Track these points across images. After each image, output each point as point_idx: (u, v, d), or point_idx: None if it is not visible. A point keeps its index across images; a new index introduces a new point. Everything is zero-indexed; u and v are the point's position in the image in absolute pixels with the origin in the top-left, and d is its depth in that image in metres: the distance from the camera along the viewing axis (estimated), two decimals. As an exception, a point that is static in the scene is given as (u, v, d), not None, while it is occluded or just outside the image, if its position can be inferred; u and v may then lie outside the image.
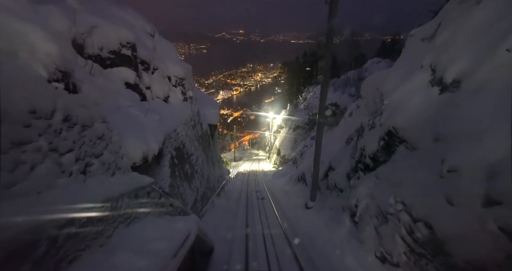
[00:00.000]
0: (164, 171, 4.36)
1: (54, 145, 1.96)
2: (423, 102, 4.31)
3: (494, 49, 3.22)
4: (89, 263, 2.04)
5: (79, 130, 2.29)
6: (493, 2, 3.72)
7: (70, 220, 1.91)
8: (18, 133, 1.66)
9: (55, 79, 2.08)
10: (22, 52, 1.83)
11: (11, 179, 1.59)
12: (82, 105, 2.35)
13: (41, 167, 1.81)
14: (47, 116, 1.92)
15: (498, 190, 2.51)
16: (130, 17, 5.85)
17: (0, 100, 1.50)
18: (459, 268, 2.71)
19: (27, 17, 2.06)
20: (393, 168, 4.49)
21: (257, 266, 4.48)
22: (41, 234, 1.64)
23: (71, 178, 2.10)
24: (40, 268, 1.63)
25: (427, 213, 3.26)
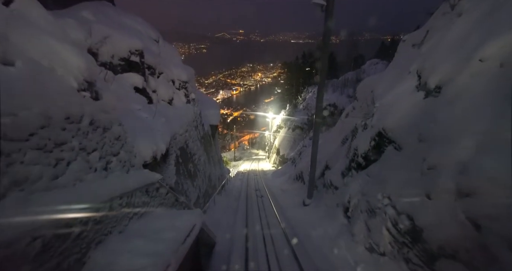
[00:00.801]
0: (170, 169, 4.71)
1: (83, 145, 2.31)
2: (410, 105, 4.66)
3: (470, 59, 3.57)
4: (111, 246, 2.39)
5: (101, 132, 2.64)
6: (471, 15, 4.07)
7: (96, 209, 2.27)
8: (58, 136, 2.01)
9: (82, 89, 2.43)
10: (58, 67, 2.18)
11: (54, 173, 1.94)
12: (103, 110, 2.69)
13: (74, 163, 2.16)
14: (77, 121, 2.27)
15: (467, 185, 2.86)
16: (137, 25, 6.21)
17: (48, 108, 1.85)
18: (433, 253, 3.06)
19: (59, 36, 2.40)
20: (382, 167, 4.85)
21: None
22: (75, 219, 1.99)
23: (96, 173, 2.45)
24: (77, 245, 1.99)
25: (409, 206, 3.61)
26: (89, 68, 2.52)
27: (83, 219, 2.07)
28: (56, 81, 2.11)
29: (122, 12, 6.05)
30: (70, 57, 2.33)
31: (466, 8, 4.27)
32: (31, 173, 1.74)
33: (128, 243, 2.51)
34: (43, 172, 1.83)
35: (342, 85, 21.09)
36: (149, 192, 3.54)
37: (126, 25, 5.58)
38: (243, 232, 5.85)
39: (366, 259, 4.17)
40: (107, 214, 2.44)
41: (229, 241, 5.61)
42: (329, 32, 6.78)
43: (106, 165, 2.66)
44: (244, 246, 5.30)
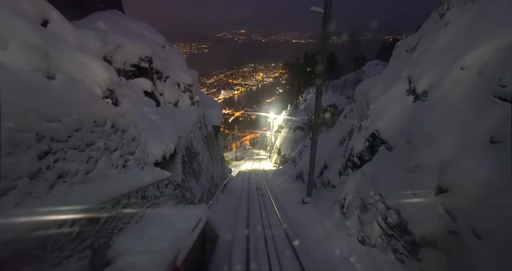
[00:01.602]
0: (177, 167, 5.06)
1: (106, 145, 2.67)
2: (400, 108, 4.99)
3: (453, 67, 3.89)
4: (131, 233, 2.75)
5: (120, 134, 2.99)
6: (456, 25, 4.39)
7: (118, 200, 2.63)
8: (88, 137, 2.36)
9: (106, 96, 2.78)
10: (87, 78, 2.53)
11: (86, 169, 2.30)
12: (122, 114, 3.05)
13: (101, 161, 2.51)
14: (102, 124, 2.62)
15: (446, 182, 3.20)
16: (145, 31, 6.58)
17: (81, 114, 2.21)
18: (417, 243, 3.40)
19: (86, 50, 2.76)
20: (375, 166, 5.18)
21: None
22: (102, 208, 2.35)
23: (117, 169, 2.81)
24: (105, 230, 2.35)
25: (397, 202, 3.95)
26: (111, 78, 2.87)
27: (108, 207, 2.43)
28: (86, 91, 2.47)
29: (131, 19, 6.43)
30: (96, 69, 2.68)
31: (452, 19, 4.60)
32: (70, 168, 2.09)
33: (144, 230, 2.87)
34: (79, 168, 2.19)
35: (342, 86, 21.39)
36: (159, 188, 3.89)
37: (135, 33, 5.96)
38: (244, 231, 6.15)
39: (359, 250, 4.51)
40: (126, 205, 2.80)
41: (231, 237, 5.94)
42: (327, 37, 7.13)
43: (125, 163, 3.02)
44: (246, 236, 5.63)
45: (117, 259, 2.35)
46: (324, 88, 24.26)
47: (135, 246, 2.58)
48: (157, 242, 2.71)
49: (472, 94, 3.48)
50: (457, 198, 3.00)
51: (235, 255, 4.92)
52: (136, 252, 2.48)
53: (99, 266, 2.26)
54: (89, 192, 2.16)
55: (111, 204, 2.50)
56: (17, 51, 1.91)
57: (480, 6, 4.04)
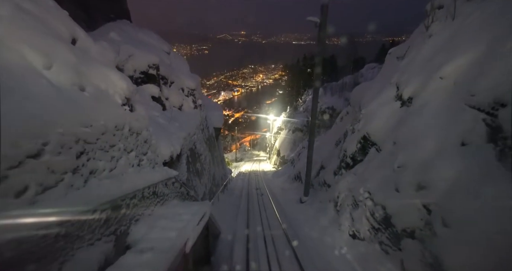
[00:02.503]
0: (182, 167, 5.45)
1: (125, 146, 3.06)
2: (389, 113, 5.40)
3: (434, 76, 4.30)
4: (145, 223, 3.14)
5: (135, 137, 3.39)
6: (438, 37, 4.80)
7: (135, 195, 3.02)
8: (111, 140, 2.76)
9: (124, 103, 3.18)
10: (109, 89, 2.93)
11: (110, 167, 2.69)
12: (137, 119, 3.45)
13: (121, 160, 2.91)
14: (121, 128, 3.02)
15: (424, 180, 3.60)
16: (152, 40, 6.99)
17: (106, 121, 2.61)
18: (399, 235, 3.79)
19: (107, 63, 3.16)
20: (366, 166, 5.58)
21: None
22: (122, 201, 2.75)
23: (133, 168, 3.20)
24: (124, 220, 2.75)
25: (383, 198, 4.35)
26: (128, 87, 3.27)
27: (127, 200, 2.83)
28: (109, 100, 2.87)
29: (138, 28, 6.85)
30: (116, 80, 3.08)
31: (435, 31, 5.01)
32: (99, 166, 2.49)
33: (156, 221, 3.27)
34: (105, 166, 2.59)
35: (340, 89, 21.80)
36: (167, 185, 4.30)
37: (143, 41, 6.37)
38: (244, 228, 6.50)
39: (349, 243, 4.90)
40: (141, 199, 3.21)
41: (232, 233, 6.32)
42: (322, 44, 7.56)
43: (139, 162, 3.41)
44: (246, 233, 6.01)
45: (136, 244, 2.75)
46: (323, 90, 24.66)
47: (149, 234, 2.98)
48: (168, 231, 3.11)
49: (448, 102, 3.89)
50: (432, 194, 3.40)
51: (236, 250, 5.29)
52: (151, 239, 2.88)
53: (121, 249, 2.66)
54: (113, 186, 2.56)
55: (130, 197, 2.91)
56: (59, 69, 2.31)
57: (459, 21, 4.45)
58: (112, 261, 2.41)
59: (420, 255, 3.35)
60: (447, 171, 3.33)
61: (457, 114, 3.60)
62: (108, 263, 2.36)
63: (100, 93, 2.79)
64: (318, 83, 7.83)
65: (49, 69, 2.25)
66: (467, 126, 3.36)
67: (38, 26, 2.46)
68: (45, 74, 2.20)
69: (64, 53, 2.50)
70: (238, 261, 4.71)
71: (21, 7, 2.43)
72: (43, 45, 2.32)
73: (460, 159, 3.26)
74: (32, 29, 2.35)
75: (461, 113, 3.52)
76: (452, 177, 3.21)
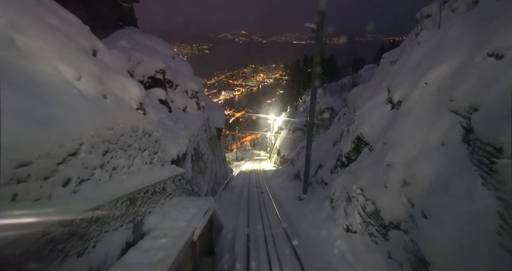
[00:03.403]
0: (187, 165, 5.82)
1: (139, 146, 3.44)
2: (380, 115, 5.76)
3: (420, 81, 4.66)
4: (158, 215, 3.52)
5: (148, 137, 3.77)
6: (425, 45, 5.16)
7: (148, 189, 3.40)
8: (128, 140, 3.14)
9: (138, 108, 3.55)
10: (126, 96, 3.31)
11: (128, 164, 3.07)
12: (149, 122, 3.82)
13: (137, 158, 3.29)
14: (136, 130, 3.40)
15: (408, 177, 3.97)
16: (158, 45, 7.36)
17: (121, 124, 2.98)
18: (386, 226, 4.16)
19: (122, 71, 3.54)
20: (359, 164, 5.94)
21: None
22: (138, 194, 3.12)
23: (146, 165, 3.58)
24: (140, 210, 3.12)
25: (374, 194, 4.72)
26: (141, 93, 3.65)
27: (142, 193, 3.21)
28: (126, 105, 3.24)
29: (145, 34, 7.23)
30: (131, 87, 3.46)
31: (423, 39, 5.36)
32: (119, 163, 2.87)
33: (167, 213, 3.65)
34: (124, 163, 2.97)
35: (339, 89, 22.14)
36: (175, 182, 4.67)
37: (150, 47, 6.74)
38: (245, 223, 6.88)
39: (343, 236, 5.27)
40: (153, 193, 3.58)
41: (234, 227, 6.71)
42: (319, 48, 7.91)
43: (151, 160, 3.78)
44: (247, 227, 6.38)
45: (151, 231, 3.12)
46: (323, 91, 25.00)
47: (162, 224, 3.36)
48: (177, 222, 3.48)
49: (432, 106, 4.25)
50: (415, 189, 3.78)
51: (237, 243, 5.65)
52: (163, 228, 3.26)
53: (138, 235, 3.04)
54: (131, 181, 2.94)
55: (144, 191, 3.29)
56: (86, 80, 2.69)
57: (444, 31, 4.80)
58: (132, 245, 2.79)
59: (404, 244, 3.73)
60: (429, 168, 3.69)
61: (439, 117, 3.97)
62: (129, 246, 2.74)
63: (119, 100, 3.16)
64: (316, 84, 8.20)
65: (79, 80, 2.62)
66: (447, 128, 3.72)
67: (66, 41, 2.83)
68: (76, 85, 2.57)
69: (89, 65, 2.87)
70: (239, 253, 5.09)
71: (50, 24, 2.81)
72: (73, 59, 2.69)
73: (440, 157, 3.63)
74: (62, 44, 2.73)
75: (442, 117, 3.88)
76: (433, 174, 3.58)
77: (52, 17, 2.81)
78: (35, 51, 2.31)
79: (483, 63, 3.35)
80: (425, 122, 4.21)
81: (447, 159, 3.49)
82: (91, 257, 2.17)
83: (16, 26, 2.24)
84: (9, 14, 2.20)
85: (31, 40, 2.33)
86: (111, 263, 2.37)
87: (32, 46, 2.30)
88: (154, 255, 2.45)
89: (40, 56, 2.36)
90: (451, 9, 4.96)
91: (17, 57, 2.13)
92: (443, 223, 2.99)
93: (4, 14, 2.15)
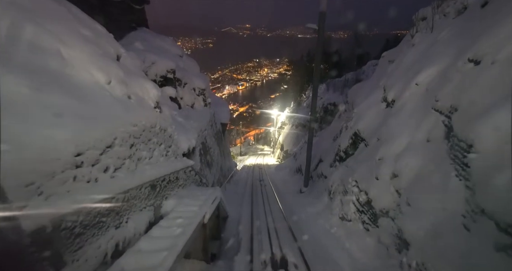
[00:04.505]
0: (196, 158, 6.31)
1: (157, 140, 3.91)
2: (376, 112, 6.15)
3: (411, 82, 5.03)
4: (173, 200, 4.02)
5: (163, 133, 4.24)
6: (418, 48, 5.50)
7: (164, 178, 3.89)
8: (148, 135, 3.61)
9: (155, 107, 4.02)
10: (145, 96, 3.77)
11: (149, 156, 3.55)
12: (164, 119, 4.29)
13: (155, 151, 3.77)
14: (154, 126, 3.87)
15: (397, 169, 4.39)
16: (167, 45, 7.79)
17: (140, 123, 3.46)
18: (377, 214, 4.61)
19: (141, 74, 3.99)
20: (355, 159, 6.37)
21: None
22: (157, 182, 3.61)
23: (163, 157, 4.06)
24: (159, 196, 3.62)
25: (366, 185, 5.15)
26: (158, 93, 4.11)
27: (159, 181, 3.70)
28: (146, 104, 3.71)
29: (156, 34, 7.66)
30: (149, 88, 3.92)
31: (416, 41, 5.70)
32: (142, 155, 3.35)
33: (181, 199, 4.15)
34: (146, 155, 3.45)
35: (343, 85, 22.32)
36: (186, 173, 5.17)
37: (161, 48, 7.17)
38: (248, 214, 7.37)
39: (338, 224, 5.74)
40: (169, 181, 4.08)
41: (238, 216, 7.21)
42: (320, 49, 8.25)
43: (166, 153, 4.27)
44: (250, 217, 6.87)
45: (168, 214, 3.62)
46: (326, 86, 25.22)
47: (177, 208, 3.86)
48: (190, 206, 3.98)
49: (421, 105, 4.63)
50: (402, 181, 4.20)
51: (242, 229, 6.15)
52: (179, 211, 3.75)
53: (157, 217, 3.54)
54: (152, 170, 3.42)
55: (161, 180, 3.78)
56: (115, 83, 3.15)
57: (435, 34, 5.14)
58: (154, 224, 3.29)
59: (391, 229, 4.18)
60: (414, 162, 4.11)
61: (425, 116, 4.35)
62: (151, 225, 3.24)
63: (140, 100, 3.63)
64: (316, 84, 8.57)
65: (109, 84, 3.09)
66: (432, 126, 4.12)
67: (97, 49, 3.29)
68: (107, 88, 3.04)
69: (116, 70, 3.33)
70: (243, 238, 5.59)
71: (84, 35, 3.26)
72: (103, 65, 3.15)
73: (424, 152, 4.04)
74: (94, 52, 3.18)
75: (428, 115, 4.27)
76: (417, 167, 4.00)
77: (85, 29, 3.26)
78: (74, 60, 2.77)
79: (464, 67, 3.72)
80: (414, 120, 4.60)
81: (430, 153, 3.90)
82: (125, 230, 2.67)
83: (61, 39, 2.70)
84: (56, 30, 2.66)
85: (72, 50, 2.79)
86: (139, 237, 2.87)
87: (72, 55, 2.76)
88: (174, 231, 2.94)
89: (79, 64, 2.82)
90: (443, 13, 5.27)
91: (63, 66, 2.59)
92: (421, 209, 3.43)
93: (53, 30, 2.61)
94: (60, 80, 2.41)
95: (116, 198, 2.51)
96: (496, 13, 3.60)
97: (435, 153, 3.77)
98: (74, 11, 3.35)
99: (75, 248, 1.95)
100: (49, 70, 2.39)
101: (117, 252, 2.47)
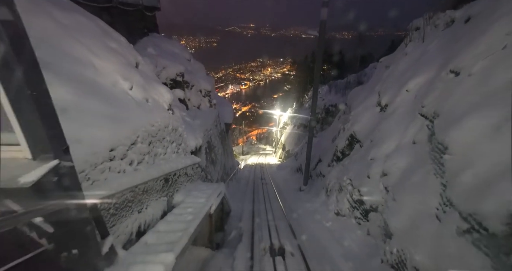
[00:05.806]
0: (202, 156, 6.77)
1: (169, 139, 4.38)
2: (371, 116, 6.56)
3: (402, 88, 5.44)
4: (183, 193, 4.48)
5: (175, 132, 4.71)
6: (410, 56, 5.90)
7: (175, 173, 4.36)
8: (162, 134, 4.07)
9: (168, 108, 4.48)
10: (160, 99, 4.23)
11: (163, 152, 4.01)
12: (175, 119, 4.76)
13: (169, 148, 4.23)
14: (167, 126, 4.33)
15: (386, 169, 4.81)
16: (177, 49, 8.27)
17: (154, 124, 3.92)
18: (367, 210, 5.04)
19: (156, 79, 4.45)
20: (351, 159, 6.79)
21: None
22: (170, 175, 4.07)
23: (174, 154, 4.53)
24: (171, 188, 4.09)
25: (359, 183, 5.57)
26: (171, 97, 4.58)
27: (171, 175, 4.17)
28: (161, 107, 4.17)
29: (166, 39, 8.13)
30: (163, 92, 4.38)
31: (409, 50, 6.10)
32: (158, 151, 3.81)
33: (189, 192, 4.61)
34: (161, 151, 3.91)
35: (344, 87, 22.67)
36: (193, 169, 5.63)
37: (171, 52, 7.64)
38: (250, 210, 7.83)
39: (334, 219, 6.18)
40: (179, 176, 4.54)
41: (240, 212, 7.67)
42: (320, 54, 8.66)
43: (177, 150, 4.73)
44: (251, 213, 7.33)
45: (179, 204, 4.09)
46: (328, 88, 25.58)
47: (186, 199, 4.32)
48: (198, 198, 4.44)
49: (409, 110, 5.05)
50: (390, 179, 4.62)
51: (244, 223, 6.61)
52: (188, 202, 4.22)
53: (170, 207, 4.01)
54: (166, 166, 3.88)
55: (173, 174, 4.25)
56: (136, 89, 3.61)
57: (426, 44, 5.54)
58: (167, 212, 3.76)
59: (379, 222, 4.61)
60: (401, 162, 4.53)
61: (413, 120, 4.77)
62: (165, 213, 3.71)
63: (156, 102, 4.09)
64: (316, 87, 8.99)
65: (131, 89, 3.55)
66: (418, 129, 4.54)
67: (121, 59, 3.76)
68: (130, 93, 3.50)
69: (136, 76, 3.80)
70: (245, 230, 6.05)
71: (110, 47, 3.73)
72: (126, 73, 3.62)
73: (410, 153, 4.46)
74: (119, 61, 3.65)
75: (415, 120, 4.69)
76: (403, 166, 4.42)
77: (111, 41, 3.73)
78: (104, 70, 3.25)
79: (446, 77, 4.14)
80: (403, 124, 5.02)
81: (415, 154, 4.32)
82: (145, 215, 3.14)
83: (93, 51, 3.17)
84: (88, 43, 3.13)
85: (101, 61, 3.27)
86: (156, 222, 3.33)
87: (102, 65, 3.24)
88: (185, 217, 3.41)
89: (107, 72, 3.29)
90: (434, 25, 5.66)
91: (96, 75, 3.06)
92: (403, 203, 3.86)
93: (86, 43, 3.08)
94: (95, 87, 2.88)
95: (138, 187, 2.98)
96: (475, 29, 4.01)
97: (419, 154, 4.19)
98: (101, 25, 3.82)
99: (110, 225, 2.42)
100: (85, 79, 2.86)
101: (139, 233, 2.94)
